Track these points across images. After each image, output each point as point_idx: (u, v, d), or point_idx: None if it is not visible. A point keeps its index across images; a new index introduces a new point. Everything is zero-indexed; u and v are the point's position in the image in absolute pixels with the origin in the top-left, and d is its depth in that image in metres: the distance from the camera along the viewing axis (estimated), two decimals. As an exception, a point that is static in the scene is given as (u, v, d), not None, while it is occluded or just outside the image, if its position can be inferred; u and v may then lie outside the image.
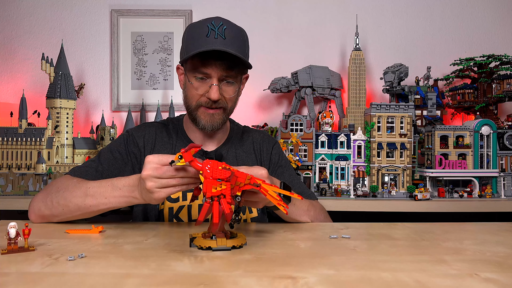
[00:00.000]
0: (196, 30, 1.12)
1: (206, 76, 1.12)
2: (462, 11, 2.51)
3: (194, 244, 0.79)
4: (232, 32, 1.11)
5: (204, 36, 1.08)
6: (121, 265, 0.69)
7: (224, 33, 1.09)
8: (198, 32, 1.11)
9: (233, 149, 1.27)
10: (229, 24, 1.11)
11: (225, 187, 0.77)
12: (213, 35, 1.08)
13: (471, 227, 1.05)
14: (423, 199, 1.86)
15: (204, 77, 1.13)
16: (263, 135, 1.37)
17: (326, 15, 2.51)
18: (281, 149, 1.39)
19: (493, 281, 0.62)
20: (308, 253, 0.78)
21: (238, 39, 1.12)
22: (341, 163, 2.04)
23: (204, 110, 1.16)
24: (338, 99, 2.38)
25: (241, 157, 1.27)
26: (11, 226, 0.74)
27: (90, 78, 2.49)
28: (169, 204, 1.17)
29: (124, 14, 2.48)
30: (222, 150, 1.25)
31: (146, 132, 1.26)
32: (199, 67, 1.11)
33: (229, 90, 1.16)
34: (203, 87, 1.14)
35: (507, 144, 2.07)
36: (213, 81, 1.12)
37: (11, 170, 2.00)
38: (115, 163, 1.20)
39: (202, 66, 1.11)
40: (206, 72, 1.11)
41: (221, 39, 1.08)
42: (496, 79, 2.21)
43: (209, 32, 1.08)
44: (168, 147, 1.24)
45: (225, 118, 1.20)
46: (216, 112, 1.17)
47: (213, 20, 1.10)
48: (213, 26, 1.09)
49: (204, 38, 1.08)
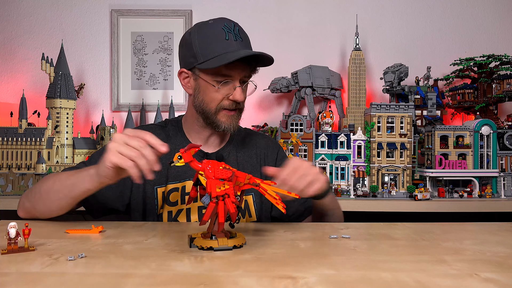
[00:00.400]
0: (209, 34, 1.10)
1: (228, 78, 1.11)
2: (462, 11, 2.51)
3: (194, 244, 0.79)
4: (243, 31, 1.12)
5: (223, 39, 1.07)
6: (121, 265, 0.68)
7: (240, 34, 1.09)
8: (213, 35, 1.09)
9: (234, 152, 1.26)
10: (236, 23, 1.12)
11: (228, 187, 0.77)
12: (232, 37, 1.08)
13: (471, 227, 1.05)
14: (423, 199, 1.86)
15: (226, 80, 1.11)
16: (266, 140, 1.35)
17: (326, 15, 2.51)
18: (284, 152, 1.38)
19: (493, 281, 0.62)
20: (308, 253, 0.78)
21: (248, 39, 1.14)
22: (341, 163, 2.04)
23: (226, 113, 1.15)
24: (338, 99, 2.38)
25: (242, 160, 1.26)
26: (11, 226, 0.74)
27: (90, 78, 2.50)
28: (168, 208, 1.16)
29: (124, 14, 2.48)
30: (223, 152, 1.25)
31: None
32: (222, 70, 1.09)
33: (248, 90, 1.18)
34: (225, 90, 1.12)
35: (507, 144, 2.07)
36: (235, 83, 1.12)
37: (11, 170, 2.00)
38: None
39: (226, 69, 1.09)
40: (230, 75, 1.10)
41: (240, 41, 1.08)
42: (496, 79, 2.21)
43: (226, 34, 1.08)
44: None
45: (240, 117, 1.20)
46: (235, 114, 1.17)
47: (225, 21, 1.10)
48: (228, 28, 1.09)
49: (224, 41, 1.07)
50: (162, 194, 1.18)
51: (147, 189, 1.18)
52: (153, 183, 1.18)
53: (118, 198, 1.18)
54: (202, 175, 0.80)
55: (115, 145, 0.86)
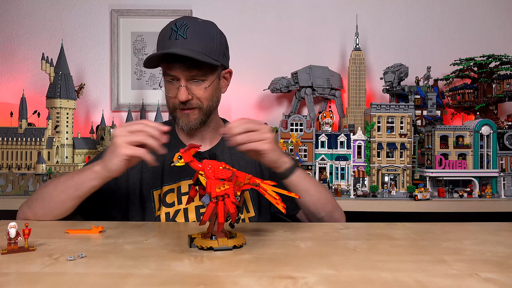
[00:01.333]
0: (162, 33, 1.14)
1: (174, 78, 1.13)
2: (462, 11, 2.51)
3: (194, 244, 0.79)
4: (195, 29, 1.10)
5: (167, 38, 1.10)
6: (121, 265, 0.69)
7: (186, 32, 1.09)
8: (163, 35, 1.13)
9: (228, 149, 1.26)
10: (193, 22, 1.11)
11: (228, 187, 0.77)
12: (174, 36, 1.09)
13: (471, 227, 1.05)
14: (423, 199, 1.86)
15: (172, 80, 1.13)
16: None
17: (326, 15, 2.51)
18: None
19: (493, 281, 0.62)
20: (308, 253, 0.78)
21: (202, 36, 1.11)
22: (341, 163, 2.04)
23: (180, 111, 1.17)
24: (338, 99, 2.38)
25: (236, 155, 1.25)
26: (11, 226, 0.74)
27: (90, 78, 2.49)
28: (165, 209, 1.16)
29: (124, 14, 2.48)
30: (216, 150, 1.24)
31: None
32: (167, 70, 1.13)
33: (198, 89, 1.14)
34: (173, 90, 1.14)
35: (507, 144, 2.07)
36: (180, 82, 1.12)
37: (11, 170, 2.00)
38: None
39: (169, 69, 1.12)
40: (174, 75, 1.12)
41: (182, 39, 1.08)
42: (496, 79, 2.21)
43: (171, 34, 1.10)
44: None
45: (203, 117, 1.18)
46: (191, 112, 1.16)
47: (177, 21, 1.11)
48: (176, 27, 1.10)
49: (167, 40, 1.10)
50: (159, 196, 1.18)
51: (143, 193, 1.18)
52: (148, 186, 1.19)
53: (115, 205, 1.19)
54: (202, 175, 0.80)
55: (121, 138, 0.90)
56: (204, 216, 0.75)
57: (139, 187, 1.19)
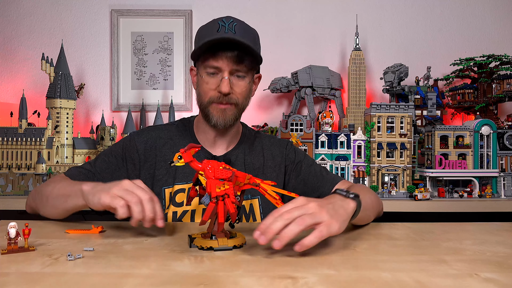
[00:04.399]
0: (206, 28, 1.12)
1: (217, 70, 1.11)
2: (462, 11, 2.51)
3: (194, 244, 0.79)
4: (242, 26, 1.11)
5: (215, 31, 1.08)
6: (121, 265, 0.68)
7: (234, 28, 1.08)
8: (208, 29, 1.10)
9: (242, 155, 1.25)
10: (240, 21, 1.12)
11: (228, 187, 0.77)
12: (223, 30, 1.07)
13: (471, 227, 1.05)
14: (423, 199, 1.86)
15: (215, 72, 1.11)
16: (272, 140, 1.34)
17: (326, 15, 2.51)
18: (295, 146, 1.36)
19: (493, 281, 0.62)
20: (308, 253, 0.78)
21: (249, 34, 1.12)
22: (341, 163, 2.04)
23: (216, 106, 1.14)
24: (338, 99, 2.38)
25: (249, 162, 1.25)
26: (11, 226, 0.74)
27: (90, 78, 2.50)
28: (173, 208, 1.16)
29: (124, 14, 2.48)
30: (231, 155, 1.23)
31: (148, 137, 1.23)
32: (210, 60, 1.10)
33: (240, 85, 1.13)
34: (214, 82, 1.12)
35: (507, 144, 2.07)
36: (224, 74, 1.10)
37: (11, 170, 2.00)
38: (108, 168, 1.20)
39: (213, 59, 1.09)
40: (217, 66, 1.10)
41: (231, 33, 1.08)
42: (496, 79, 2.21)
43: (219, 27, 1.08)
44: (170, 149, 1.23)
45: (237, 114, 1.17)
46: (228, 108, 1.14)
47: (222, 18, 1.11)
48: (224, 22, 1.09)
49: (215, 32, 1.08)
50: (170, 194, 1.18)
51: (155, 190, 1.18)
52: (161, 184, 1.18)
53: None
54: (202, 175, 0.80)
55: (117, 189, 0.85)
56: (204, 216, 0.75)
57: (151, 183, 1.18)
